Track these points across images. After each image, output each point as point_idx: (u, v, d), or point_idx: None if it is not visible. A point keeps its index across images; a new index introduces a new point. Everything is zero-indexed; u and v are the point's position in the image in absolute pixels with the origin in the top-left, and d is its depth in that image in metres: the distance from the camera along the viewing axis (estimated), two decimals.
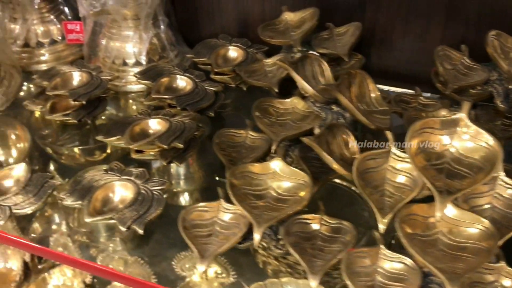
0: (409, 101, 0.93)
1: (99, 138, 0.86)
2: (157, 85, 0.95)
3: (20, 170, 0.83)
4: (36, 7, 1.10)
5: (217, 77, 1.03)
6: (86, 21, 1.06)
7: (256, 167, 0.74)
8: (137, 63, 1.06)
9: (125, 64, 1.06)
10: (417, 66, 1.04)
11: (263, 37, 0.97)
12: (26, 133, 1.06)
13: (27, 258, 1.13)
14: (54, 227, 0.92)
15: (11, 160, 0.98)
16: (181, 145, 0.81)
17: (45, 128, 1.06)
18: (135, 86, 1.06)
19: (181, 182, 0.97)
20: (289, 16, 1.00)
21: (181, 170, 0.96)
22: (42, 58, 1.15)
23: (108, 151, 1.02)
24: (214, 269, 0.81)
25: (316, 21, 0.95)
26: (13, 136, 1.10)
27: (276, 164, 0.74)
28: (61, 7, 1.16)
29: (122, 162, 0.94)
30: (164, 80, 0.97)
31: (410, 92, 0.97)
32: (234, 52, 1.06)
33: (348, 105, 0.76)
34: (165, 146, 0.80)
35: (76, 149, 1.02)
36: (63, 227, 0.91)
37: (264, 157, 0.84)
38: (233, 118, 1.04)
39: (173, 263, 0.78)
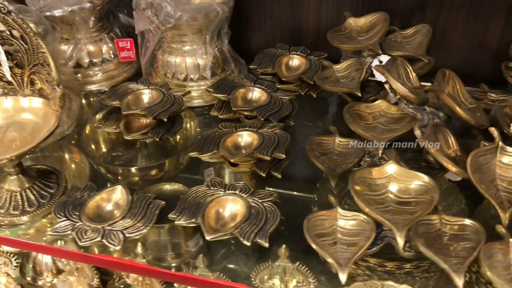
0: (480, 98, 0.95)
1: (193, 154, 0.84)
2: (234, 97, 0.94)
3: (117, 193, 0.80)
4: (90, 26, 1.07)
5: (283, 86, 1.03)
6: (144, 37, 1.03)
7: (373, 172, 0.74)
8: (201, 77, 1.05)
9: (190, 79, 1.04)
10: (476, 64, 1.07)
11: (333, 43, 0.97)
12: (82, 155, 1.04)
13: (95, 283, 1.10)
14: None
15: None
16: (283, 156, 0.80)
17: (100, 148, 1.04)
18: (201, 100, 1.05)
19: None
20: (354, 22, 1.01)
21: (232, 177, 0.95)
22: (95, 78, 1.13)
23: (166, 168, 1.01)
24: (295, 279, 0.80)
25: (388, 24, 0.96)
26: (68, 157, 1.07)
27: (392, 168, 0.74)
28: (110, 25, 1.14)
29: (176, 179, 0.94)
30: (239, 92, 0.96)
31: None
32: (296, 61, 1.07)
33: (452, 104, 0.77)
34: (268, 158, 0.80)
35: (133, 169, 1.00)
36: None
37: (359, 162, 0.84)
38: (300, 125, 1.03)
39: (251, 276, 0.76)
